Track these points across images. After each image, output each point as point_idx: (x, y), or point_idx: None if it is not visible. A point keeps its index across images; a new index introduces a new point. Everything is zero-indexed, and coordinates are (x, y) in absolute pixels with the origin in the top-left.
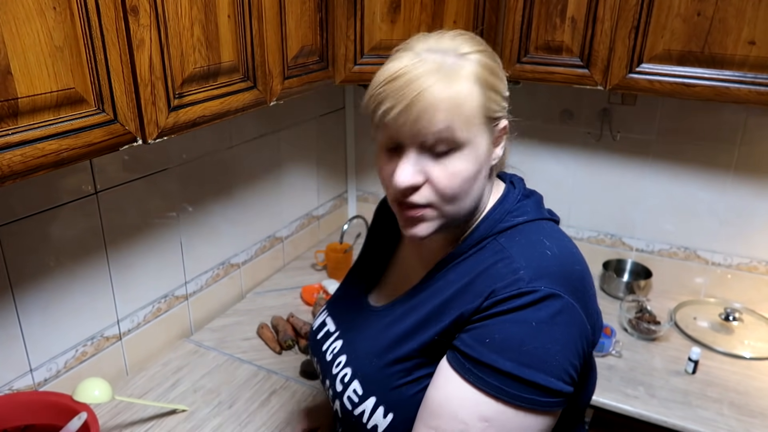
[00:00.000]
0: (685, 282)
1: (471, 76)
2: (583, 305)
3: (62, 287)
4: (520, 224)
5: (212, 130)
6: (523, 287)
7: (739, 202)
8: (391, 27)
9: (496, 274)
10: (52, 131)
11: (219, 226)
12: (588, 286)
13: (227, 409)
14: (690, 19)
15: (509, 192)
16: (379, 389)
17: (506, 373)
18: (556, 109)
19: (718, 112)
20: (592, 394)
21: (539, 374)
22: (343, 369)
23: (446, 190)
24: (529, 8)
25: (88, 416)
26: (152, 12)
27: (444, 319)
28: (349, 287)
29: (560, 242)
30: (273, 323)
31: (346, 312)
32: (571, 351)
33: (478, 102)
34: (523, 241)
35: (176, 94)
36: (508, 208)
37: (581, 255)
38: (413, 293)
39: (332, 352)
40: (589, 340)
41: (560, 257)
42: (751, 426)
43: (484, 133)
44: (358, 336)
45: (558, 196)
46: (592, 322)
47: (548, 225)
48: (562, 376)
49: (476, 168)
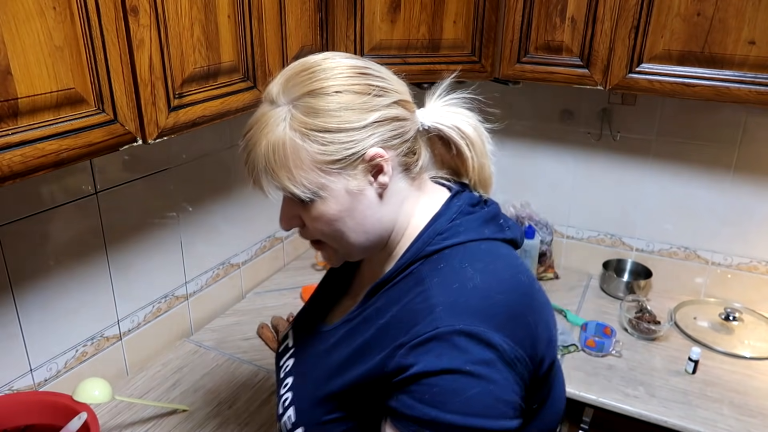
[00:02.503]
0: (685, 282)
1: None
2: (513, 336)
3: (62, 287)
4: (447, 248)
5: (212, 130)
6: (441, 328)
7: (739, 202)
8: (391, 27)
9: (413, 314)
10: (52, 131)
11: (219, 226)
12: (520, 317)
13: (227, 409)
14: (690, 19)
15: (446, 209)
16: (308, 422)
17: (450, 426)
18: (556, 109)
19: (718, 112)
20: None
21: (482, 420)
22: (287, 392)
23: (316, 233)
24: (529, 8)
25: (88, 416)
26: (152, 12)
27: (359, 366)
28: (313, 300)
29: (489, 267)
30: (273, 323)
31: (304, 328)
32: (510, 387)
33: (304, 153)
34: (446, 269)
35: (176, 94)
36: (438, 229)
37: (518, 282)
38: (351, 316)
39: (285, 369)
40: (528, 367)
41: (482, 288)
42: (751, 426)
43: (336, 176)
44: (306, 358)
45: (558, 196)
46: (528, 349)
47: (483, 247)
48: (506, 412)
49: (340, 209)
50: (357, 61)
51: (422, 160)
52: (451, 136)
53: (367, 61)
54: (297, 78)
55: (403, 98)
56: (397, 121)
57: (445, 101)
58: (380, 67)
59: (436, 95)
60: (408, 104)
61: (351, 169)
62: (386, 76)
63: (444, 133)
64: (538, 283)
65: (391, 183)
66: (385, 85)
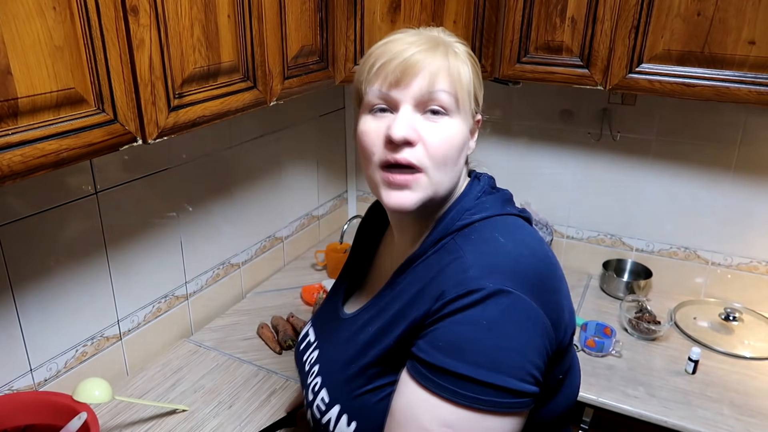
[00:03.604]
0: (685, 282)
1: (466, 58)
2: (540, 301)
3: (62, 287)
4: (477, 221)
5: (212, 130)
6: (470, 286)
7: (739, 202)
8: (391, 27)
9: (447, 275)
10: (52, 131)
11: (219, 226)
12: (547, 281)
13: (227, 409)
14: (690, 19)
15: (470, 189)
16: (344, 397)
17: (461, 376)
18: (556, 109)
19: (718, 112)
20: (574, 396)
21: (495, 374)
22: (315, 378)
23: (438, 152)
24: (529, 8)
25: (88, 416)
26: (152, 12)
27: (400, 325)
28: (331, 297)
29: (517, 237)
30: (273, 323)
31: (325, 322)
32: (529, 349)
33: (470, 82)
34: (477, 238)
35: (176, 94)
36: (466, 206)
37: (543, 249)
38: (378, 298)
39: (309, 362)
40: (552, 337)
41: (513, 253)
42: (751, 426)
43: (469, 113)
44: (331, 346)
45: (558, 196)
46: (554, 318)
47: (509, 220)
48: (520, 375)
49: (464, 139)
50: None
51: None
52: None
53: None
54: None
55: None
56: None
57: None
58: None
59: None
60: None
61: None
62: None
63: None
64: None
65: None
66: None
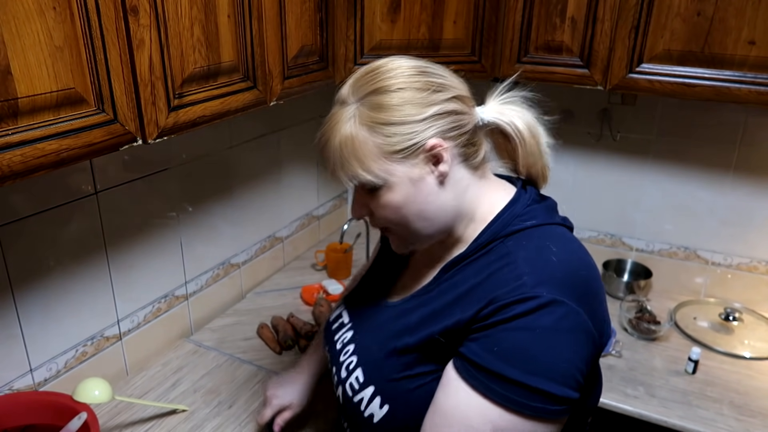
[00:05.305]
0: (685, 282)
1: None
2: (589, 311)
3: (62, 287)
4: (528, 228)
5: (212, 130)
6: (526, 293)
7: (739, 202)
8: (391, 27)
9: (499, 280)
10: (52, 131)
11: (219, 226)
12: (594, 292)
13: (227, 409)
14: (690, 19)
15: (520, 196)
16: (379, 379)
17: (513, 381)
18: (556, 109)
19: (718, 112)
20: (597, 399)
21: (546, 382)
22: (350, 357)
23: (392, 218)
24: (529, 8)
25: (88, 416)
26: (152, 12)
27: (445, 319)
28: (366, 285)
29: (567, 247)
30: (273, 323)
31: (362, 306)
32: (577, 357)
33: (371, 144)
34: (529, 245)
35: (176, 94)
36: (516, 212)
37: (590, 261)
38: (423, 291)
39: (343, 341)
40: (597, 345)
41: (566, 263)
42: (751, 426)
43: (400, 164)
44: (369, 327)
45: (558, 196)
46: (598, 327)
47: (558, 230)
48: (568, 382)
49: (404, 196)
50: (418, 62)
51: (483, 152)
52: (507, 130)
53: (427, 62)
54: (363, 79)
55: (461, 94)
56: (455, 115)
57: (504, 98)
58: (439, 66)
59: (496, 92)
60: (466, 99)
61: (413, 158)
62: (445, 74)
63: (501, 128)
64: None
65: (451, 171)
66: (443, 82)
